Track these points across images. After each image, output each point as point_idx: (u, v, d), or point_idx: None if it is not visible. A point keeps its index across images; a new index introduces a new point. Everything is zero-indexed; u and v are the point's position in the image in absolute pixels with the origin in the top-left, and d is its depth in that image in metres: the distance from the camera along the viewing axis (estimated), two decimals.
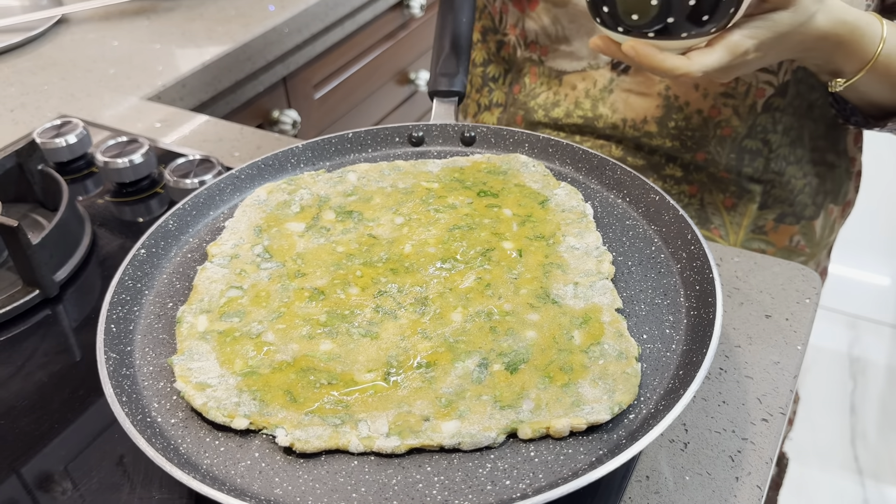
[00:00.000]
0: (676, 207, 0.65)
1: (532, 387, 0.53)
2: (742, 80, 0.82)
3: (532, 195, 0.70)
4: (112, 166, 0.91)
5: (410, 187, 0.72)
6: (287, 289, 0.62)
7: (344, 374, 0.54)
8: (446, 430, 0.50)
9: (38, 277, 0.75)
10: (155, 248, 0.66)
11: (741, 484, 0.58)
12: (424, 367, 0.54)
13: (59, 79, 1.18)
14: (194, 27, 1.33)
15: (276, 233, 0.68)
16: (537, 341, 0.56)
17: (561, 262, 0.63)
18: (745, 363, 0.67)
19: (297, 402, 0.52)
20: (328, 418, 0.51)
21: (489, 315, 0.58)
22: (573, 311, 0.58)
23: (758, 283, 0.75)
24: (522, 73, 0.95)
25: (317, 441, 0.50)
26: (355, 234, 0.67)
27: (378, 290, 0.61)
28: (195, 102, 1.21)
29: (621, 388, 0.52)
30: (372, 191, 0.72)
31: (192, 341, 0.58)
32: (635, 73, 0.87)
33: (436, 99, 0.83)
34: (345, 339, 0.57)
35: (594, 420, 0.50)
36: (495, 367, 0.54)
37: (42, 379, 0.68)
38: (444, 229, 0.67)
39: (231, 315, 0.60)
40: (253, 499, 0.47)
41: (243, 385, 0.54)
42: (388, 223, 0.68)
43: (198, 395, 0.53)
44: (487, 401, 0.52)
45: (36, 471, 0.60)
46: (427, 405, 0.52)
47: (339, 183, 0.73)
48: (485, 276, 0.62)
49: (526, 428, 0.50)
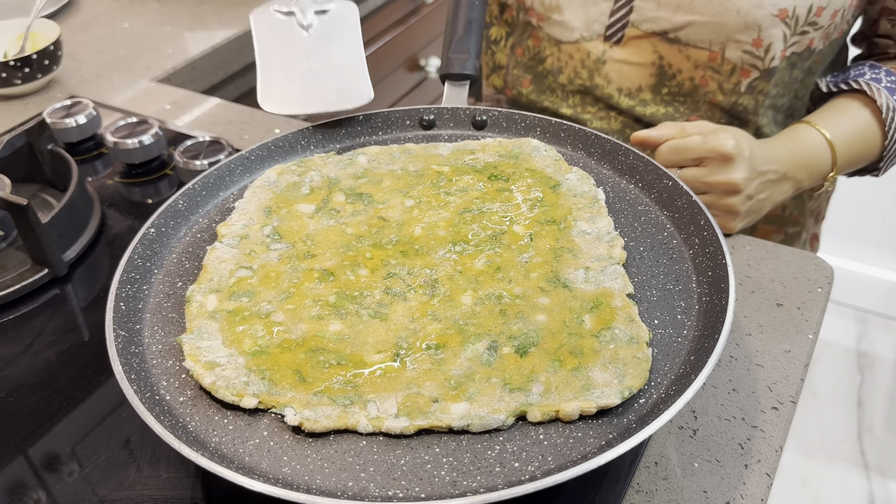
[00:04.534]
0: (690, 193, 0.64)
1: (542, 370, 0.52)
2: (728, 59, 0.84)
3: (544, 179, 0.70)
4: (122, 147, 0.90)
5: (421, 170, 0.72)
6: (297, 269, 0.62)
7: (353, 355, 0.54)
8: (455, 411, 0.50)
9: (48, 256, 0.75)
10: (164, 227, 0.66)
11: (750, 471, 0.57)
12: (434, 349, 0.54)
13: (70, 60, 1.18)
14: (204, 10, 1.33)
15: (286, 214, 0.67)
16: (547, 325, 0.56)
17: (572, 246, 0.62)
18: (755, 351, 0.67)
19: (305, 381, 0.52)
20: (337, 398, 0.51)
21: (499, 298, 0.58)
22: (584, 295, 0.58)
23: (769, 272, 0.74)
24: (524, 36, 0.96)
25: (326, 421, 0.49)
26: (365, 216, 0.67)
27: (388, 271, 0.61)
28: (205, 85, 1.21)
29: (632, 372, 0.51)
30: (382, 173, 0.72)
31: (202, 320, 0.58)
32: (627, 45, 0.88)
33: (447, 82, 0.83)
34: (354, 320, 0.57)
35: (604, 404, 0.49)
36: (505, 349, 0.54)
37: (50, 357, 0.68)
38: (454, 212, 0.66)
39: (240, 295, 0.60)
40: (261, 477, 0.47)
41: (252, 364, 0.54)
42: (398, 205, 0.67)
43: (207, 374, 0.53)
44: (497, 383, 0.51)
45: (44, 449, 0.61)
46: (436, 387, 0.51)
47: (350, 165, 0.73)
48: (495, 259, 0.61)
49: (535, 411, 0.50)
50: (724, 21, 0.81)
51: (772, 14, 0.80)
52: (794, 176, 0.81)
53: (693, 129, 0.76)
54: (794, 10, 0.80)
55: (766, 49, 0.82)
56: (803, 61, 0.86)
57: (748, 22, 0.80)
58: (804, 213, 1.01)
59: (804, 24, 0.81)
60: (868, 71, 0.87)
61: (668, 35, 0.85)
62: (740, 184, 0.74)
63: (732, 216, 0.77)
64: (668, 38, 0.85)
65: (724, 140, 0.73)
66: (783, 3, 0.79)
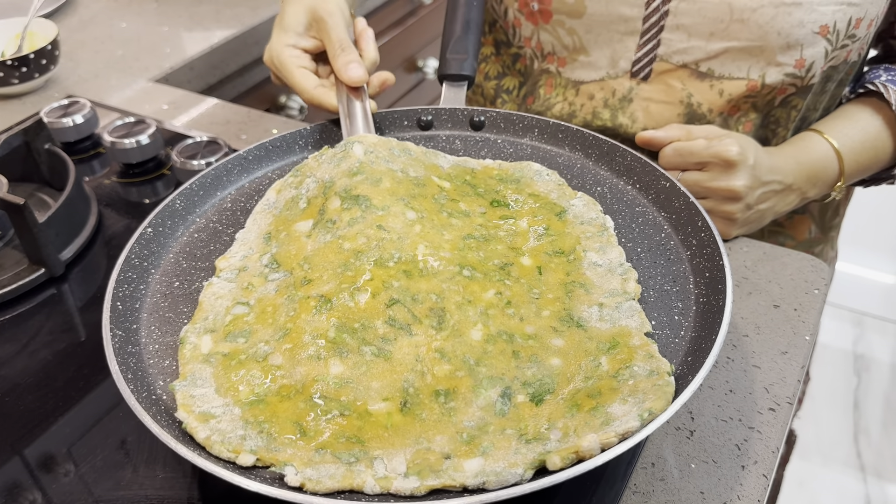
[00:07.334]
0: (687, 194, 0.64)
1: (559, 418, 0.49)
2: (768, 84, 0.80)
3: (548, 206, 0.66)
4: (119, 146, 0.90)
5: (422, 179, 0.67)
6: (293, 300, 0.56)
7: (356, 406, 0.50)
8: (469, 468, 0.46)
9: (44, 256, 0.75)
10: (162, 227, 0.66)
11: (747, 472, 0.57)
12: (444, 396, 0.50)
13: (67, 59, 1.18)
14: (202, 10, 1.33)
15: (285, 237, 0.63)
16: (562, 369, 0.52)
17: (584, 280, 0.59)
18: (752, 352, 0.67)
19: (306, 435, 0.48)
20: (342, 455, 0.47)
21: (511, 338, 0.54)
22: (600, 335, 0.54)
23: (766, 273, 0.75)
24: (538, 84, 0.92)
25: (329, 482, 0.46)
26: (363, 224, 0.60)
27: (390, 297, 0.55)
28: (203, 85, 1.21)
29: (651, 396, 0.48)
30: (381, 171, 0.65)
31: (196, 364, 0.54)
32: (655, 81, 0.85)
33: (445, 83, 0.83)
34: (356, 360, 0.52)
35: (623, 430, 0.45)
36: (519, 398, 0.51)
37: (47, 357, 0.68)
38: (458, 236, 0.61)
39: (236, 335, 0.56)
40: (258, 477, 0.46)
41: (249, 415, 0.50)
42: (399, 215, 0.61)
43: (201, 427, 0.49)
44: (512, 435, 0.48)
45: (40, 449, 0.60)
46: (447, 441, 0.48)
47: (344, 159, 0.67)
48: (504, 291, 0.57)
49: (555, 457, 0.45)
50: (764, 45, 0.77)
51: (813, 32, 0.76)
52: (799, 187, 0.80)
53: (699, 132, 0.75)
54: (834, 26, 0.77)
55: (808, 68, 0.79)
56: (838, 74, 0.84)
57: (790, 42, 0.77)
58: (823, 228, 0.99)
59: (844, 37, 0.78)
60: (883, 73, 0.85)
61: (701, 67, 0.81)
62: (740, 191, 0.73)
63: (730, 223, 0.76)
64: (701, 71, 0.81)
65: (728, 146, 0.72)
66: (824, 18, 0.76)
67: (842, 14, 0.76)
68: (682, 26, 0.80)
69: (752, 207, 0.76)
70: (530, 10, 0.87)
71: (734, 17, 0.77)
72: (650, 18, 0.81)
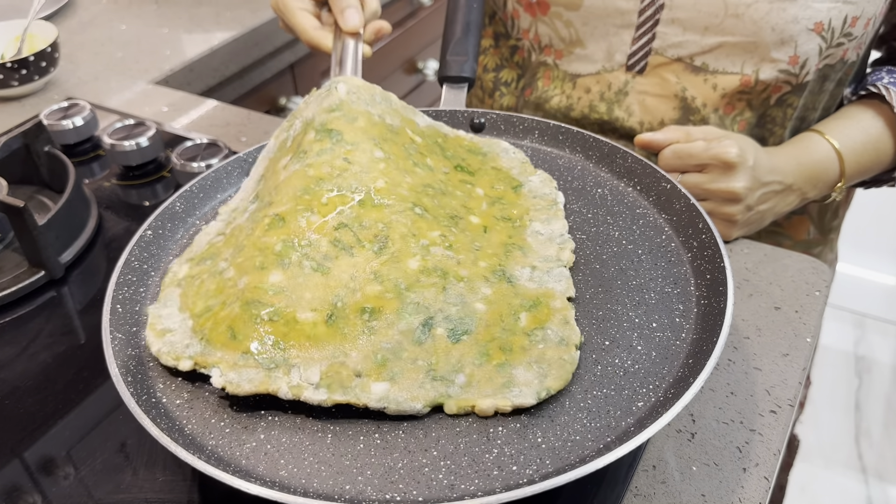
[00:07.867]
0: (688, 196, 0.64)
1: (468, 362, 0.52)
2: (762, 80, 0.81)
3: (507, 179, 0.69)
4: (119, 149, 0.90)
5: (397, 128, 0.68)
6: (254, 220, 0.60)
7: (286, 313, 0.53)
8: (375, 391, 0.50)
9: (44, 259, 0.75)
10: (161, 229, 0.66)
11: (748, 475, 0.57)
12: (369, 314, 0.53)
13: (67, 62, 1.18)
14: (202, 12, 1.33)
15: (271, 174, 0.66)
16: (484, 316, 0.55)
17: (523, 244, 0.62)
18: (753, 354, 0.67)
19: (236, 338, 0.52)
20: (263, 360, 0.51)
21: (444, 275, 0.56)
22: (526, 292, 0.57)
23: (767, 275, 0.74)
24: (536, 76, 0.93)
25: (248, 385, 0.50)
26: (330, 155, 0.61)
27: (340, 221, 0.57)
28: (203, 87, 1.21)
29: (554, 373, 0.51)
30: (358, 111, 0.66)
31: (170, 289, 0.58)
32: (650, 75, 0.85)
33: (445, 85, 0.83)
34: (295, 271, 0.54)
35: (519, 403, 0.50)
36: (439, 330, 0.53)
37: (46, 360, 0.68)
38: (418, 183, 0.64)
39: (206, 258, 0.60)
40: (258, 480, 0.46)
41: (197, 326, 0.53)
42: (367, 151, 0.63)
43: (155, 341, 0.53)
44: (422, 367, 0.51)
45: (40, 452, 0.60)
46: (362, 359, 0.51)
47: (327, 96, 0.67)
48: (449, 236, 0.59)
49: (452, 403, 0.50)
50: (758, 40, 0.78)
51: (808, 28, 0.77)
52: (799, 187, 0.80)
53: (698, 133, 0.75)
54: (829, 23, 0.77)
55: (802, 65, 0.80)
56: (835, 73, 0.84)
57: (784, 38, 0.77)
58: (823, 230, 0.99)
59: (840, 35, 0.79)
60: (886, 75, 0.85)
61: (695, 61, 0.82)
62: (740, 193, 0.73)
63: (730, 225, 0.76)
64: (695, 65, 0.82)
65: (727, 148, 0.72)
66: (819, 16, 0.76)
67: (837, 12, 0.77)
68: (677, 20, 0.81)
69: (753, 209, 0.76)
70: (528, 2, 0.88)
71: (729, 11, 0.78)
72: (646, 11, 0.82)
